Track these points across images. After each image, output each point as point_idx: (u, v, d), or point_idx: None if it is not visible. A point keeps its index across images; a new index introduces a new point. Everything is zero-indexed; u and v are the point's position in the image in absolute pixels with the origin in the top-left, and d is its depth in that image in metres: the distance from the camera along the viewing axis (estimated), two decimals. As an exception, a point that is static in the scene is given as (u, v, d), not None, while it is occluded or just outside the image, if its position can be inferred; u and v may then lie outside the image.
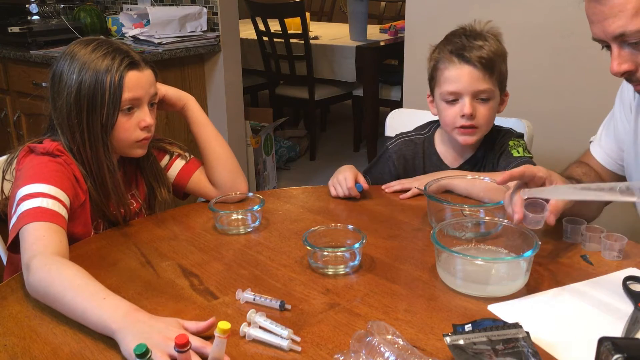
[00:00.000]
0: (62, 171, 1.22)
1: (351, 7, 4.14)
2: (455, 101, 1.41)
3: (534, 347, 0.81)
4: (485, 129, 1.44)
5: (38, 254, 1.03)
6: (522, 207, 1.07)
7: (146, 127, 1.29)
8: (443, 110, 1.44)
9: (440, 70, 1.42)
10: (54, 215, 1.12)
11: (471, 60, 1.38)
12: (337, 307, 0.98)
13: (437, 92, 1.45)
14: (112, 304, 0.93)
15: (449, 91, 1.40)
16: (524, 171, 1.09)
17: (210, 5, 2.98)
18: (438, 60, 1.43)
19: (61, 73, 1.25)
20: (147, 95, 1.28)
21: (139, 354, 0.75)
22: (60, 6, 3.13)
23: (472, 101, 1.39)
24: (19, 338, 0.92)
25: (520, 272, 1.02)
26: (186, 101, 1.44)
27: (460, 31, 1.46)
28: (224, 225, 1.30)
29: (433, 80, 1.47)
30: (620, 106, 1.36)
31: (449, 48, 1.42)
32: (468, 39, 1.42)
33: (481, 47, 1.40)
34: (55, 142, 1.26)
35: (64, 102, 1.24)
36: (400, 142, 1.58)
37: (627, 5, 1.05)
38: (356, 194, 1.42)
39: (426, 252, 1.17)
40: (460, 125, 1.41)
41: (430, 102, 1.52)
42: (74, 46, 1.27)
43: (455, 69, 1.40)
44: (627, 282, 1.02)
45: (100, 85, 1.22)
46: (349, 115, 4.66)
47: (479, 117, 1.40)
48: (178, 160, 1.47)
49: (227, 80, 3.08)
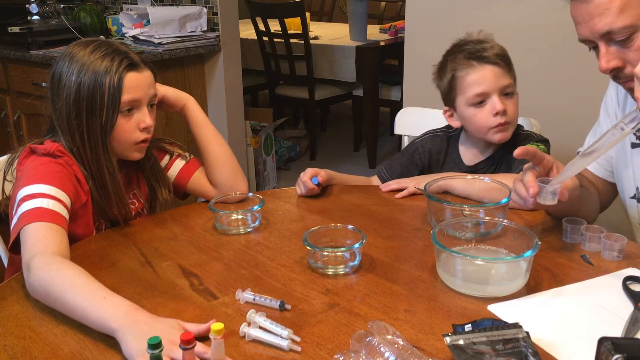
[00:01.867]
0: (63, 172, 1.22)
1: (351, 7, 4.14)
2: (482, 103, 1.42)
3: (534, 347, 0.81)
4: (515, 123, 1.47)
5: (38, 254, 1.03)
6: (536, 183, 1.07)
7: (145, 128, 1.29)
8: (473, 116, 1.45)
9: (461, 78, 1.44)
10: (55, 216, 1.12)
11: (490, 59, 1.41)
12: (337, 307, 0.98)
13: (460, 101, 1.46)
14: (112, 303, 0.93)
15: (476, 93, 1.42)
16: (537, 151, 1.10)
17: (210, 5, 2.98)
18: (455, 69, 1.45)
19: (60, 74, 1.25)
20: (146, 96, 1.28)
21: (153, 345, 0.76)
22: (60, 6, 3.13)
23: (500, 98, 1.41)
24: (19, 338, 0.92)
25: (520, 272, 1.02)
26: (186, 101, 1.44)
27: (462, 42, 1.48)
28: (224, 225, 1.30)
29: (452, 92, 1.47)
30: (605, 115, 1.38)
31: (463, 55, 1.44)
32: (476, 44, 1.45)
33: (493, 47, 1.44)
34: (57, 143, 1.26)
35: (63, 103, 1.24)
36: (428, 137, 1.61)
37: (613, 3, 1.07)
38: (311, 186, 1.45)
39: (426, 252, 1.17)
40: (496, 125, 1.42)
41: (449, 116, 1.53)
42: (74, 47, 1.27)
43: (477, 71, 1.42)
44: (627, 282, 1.02)
45: (100, 87, 1.22)
46: (349, 115, 4.66)
47: (509, 112, 1.43)
48: (178, 160, 1.47)
49: (227, 80, 3.08)
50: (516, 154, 1.09)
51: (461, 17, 2.29)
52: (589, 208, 1.32)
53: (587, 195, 1.29)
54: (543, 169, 1.11)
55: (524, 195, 1.09)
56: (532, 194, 1.07)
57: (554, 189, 1.07)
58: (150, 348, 0.76)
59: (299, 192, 1.48)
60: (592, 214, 1.34)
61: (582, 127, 1.47)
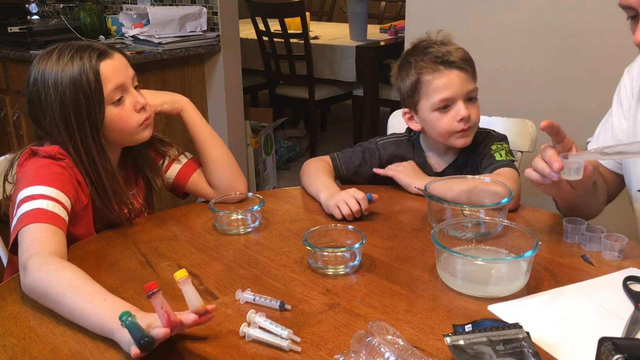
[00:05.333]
0: (64, 174, 1.21)
1: (351, 7, 4.14)
2: (447, 108, 1.41)
3: (534, 347, 0.80)
4: (476, 127, 1.46)
5: (35, 254, 1.03)
6: (559, 158, 1.06)
7: (142, 108, 1.28)
8: (436, 121, 1.43)
9: (427, 82, 1.42)
10: (54, 217, 1.12)
11: (457, 63, 1.40)
12: (337, 308, 0.98)
13: (424, 104, 1.44)
14: (112, 305, 0.92)
15: (442, 98, 1.40)
16: (560, 128, 1.08)
17: (210, 5, 2.98)
18: (421, 73, 1.42)
19: (38, 94, 1.23)
20: (128, 78, 1.27)
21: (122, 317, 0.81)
22: (60, 6, 3.12)
23: (465, 103, 1.41)
24: (19, 338, 0.92)
25: (520, 272, 1.02)
26: (182, 106, 1.43)
27: (424, 44, 1.46)
28: (223, 226, 1.30)
29: (416, 95, 1.45)
30: (617, 106, 1.36)
31: (429, 58, 1.41)
32: (440, 46, 1.42)
33: (458, 50, 1.42)
34: (57, 145, 1.25)
35: (51, 121, 1.23)
36: (391, 142, 1.58)
37: None
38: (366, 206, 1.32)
39: (426, 252, 1.17)
40: (459, 130, 1.41)
41: (409, 119, 1.51)
42: (39, 63, 1.24)
43: (443, 76, 1.40)
44: (627, 282, 1.02)
45: (81, 88, 1.21)
46: (349, 115, 4.66)
47: (473, 118, 1.42)
48: (177, 160, 1.46)
49: (227, 80, 3.08)
50: (543, 126, 1.07)
51: (461, 17, 2.29)
52: (597, 200, 1.31)
53: (597, 186, 1.28)
54: (562, 148, 1.09)
55: (547, 172, 1.07)
56: (556, 169, 1.05)
57: (578, 164, 1.05)
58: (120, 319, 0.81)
59: (342, 213, 1.31)
60: (599, 205, 1.34)
61: (582, 127, 1.47)
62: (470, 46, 1.48)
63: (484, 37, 2.23)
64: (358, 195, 1.32)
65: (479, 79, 1.46)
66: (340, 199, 1.32)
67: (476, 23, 2.26)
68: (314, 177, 1.48)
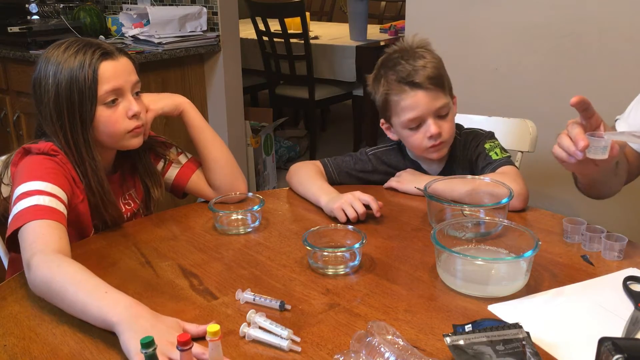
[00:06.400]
0: (58, 169, 1.21)
1: (351, 7, 4.14)
2: (417, 126, 1.41)
3: (534, 347, 0.80)
4: (450, 140, 1.45)
5: (38, 252, 1.03)
6: (585, 136, 1.03)
7: (135, 115, 1.27)
8: (408, 137, 1.44)
9: (395, 102, 1.41)
10: (53, 212, 1.12)
11: (422, 84, 1.37)
12: (337, 308, 0.98)
13: (395, 121, 1.45)
14: (113, 298, 0.93)
15: (410, 118, 1.40)
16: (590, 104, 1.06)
17: (210, 5, 2.98)
18: (388, 92, 1.41)
19: (39, 79, 1.24)
20: (127, 83, 1.27)
21: (145, 344, 0.76)
22: (60, 6, 3.12)
23: (435, 120, 1.40)
24: (19, 338, 0.92)
25: (520, 273, 1.02)
26: (182, 107, 1.43)
27: (396, 55, 1.44)
28: (223, 226, 1.30)
29: (387, 111, 1.45)
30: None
31: (395, 77, 1.40)
32: (408, 62, 1.40)
33: (425, 67, 1.39)
34: (50, 142, 1.25)
35: (46, 108, 1.23)
36: (382, 152, 1.57)
37: None
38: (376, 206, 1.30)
39: (426, 252, 1.17)
40: (430, 146, 1.42)
41: (387, 128, 1.51)
42: (48, 51, 1.26)
43: (409, 97, 1.39)
44: (627, 282, 1.02)
45: (76, 82, 1.21)
46: (349, 115, 4.66)
47: (444, 133, 1.41)
48: (177, 161, 1.46)
49: (227, 80, 3.08)
50: (573, 102, 1.04)
51: (461, 17, 2.29)
52: (618, 179, 1.29)
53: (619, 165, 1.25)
54: (590, 126, 1.07)
55: (572, 150, 1.05)
56: (581, 148, 1.02)
57: (606, 142, 1.02)
58: (143, 347, 0.76)
59: (352, 216, 1.28)
60: (618, 185, 1.32)
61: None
62: (470, 46, 1.48)
63: (484, 37, 2.23)
64: (366, 198, 1.31)
65: (479, 79, 1.46)
66: (345, 202, 1.30)
67: (476, 23, 2.25)
68: (309, 181, 1.48)
